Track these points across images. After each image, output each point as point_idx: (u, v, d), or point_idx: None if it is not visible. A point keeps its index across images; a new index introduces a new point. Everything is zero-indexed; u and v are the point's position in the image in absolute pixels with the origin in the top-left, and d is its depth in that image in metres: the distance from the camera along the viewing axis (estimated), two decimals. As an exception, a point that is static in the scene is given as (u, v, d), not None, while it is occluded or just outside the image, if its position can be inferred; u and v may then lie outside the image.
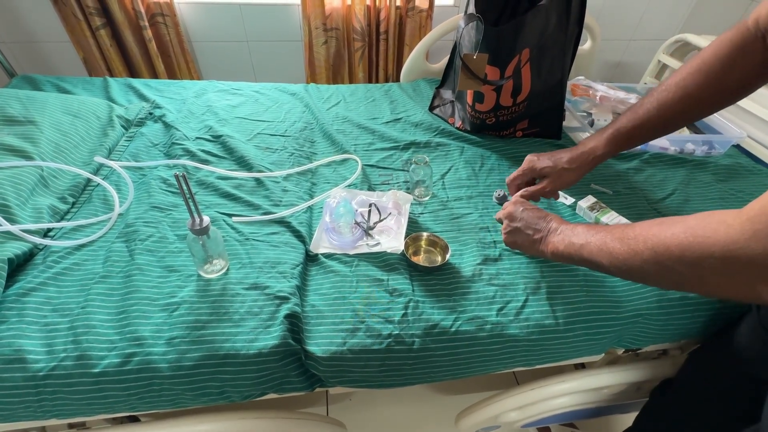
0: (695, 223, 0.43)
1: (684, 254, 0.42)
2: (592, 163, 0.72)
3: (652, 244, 0.45)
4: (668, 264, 0.44)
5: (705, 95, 0.63)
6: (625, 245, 0.48)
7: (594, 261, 0.53)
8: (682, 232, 0.43)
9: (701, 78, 0.62)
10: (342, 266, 0.71)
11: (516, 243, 0.68)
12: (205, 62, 1.57)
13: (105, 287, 0.63)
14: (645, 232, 0.47)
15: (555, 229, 0.61)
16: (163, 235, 0.73)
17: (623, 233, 0.50)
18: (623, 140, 0.70)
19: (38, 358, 0.54)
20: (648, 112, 0.67)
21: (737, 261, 0.39)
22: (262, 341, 0.58)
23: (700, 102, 0.64)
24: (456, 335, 0.62)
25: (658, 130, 0.69)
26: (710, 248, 0.40)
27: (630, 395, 0.86)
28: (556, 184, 0.73)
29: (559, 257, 0.59)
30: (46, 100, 0.91)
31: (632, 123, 0.69)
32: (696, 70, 0.62)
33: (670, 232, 0.44)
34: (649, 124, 0.67)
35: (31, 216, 0.70)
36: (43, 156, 0.79)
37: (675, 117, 0.66)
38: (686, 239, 0.42)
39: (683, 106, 0.64)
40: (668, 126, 0.68)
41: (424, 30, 1.52)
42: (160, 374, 0.55)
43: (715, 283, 0.42)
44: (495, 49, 0.84)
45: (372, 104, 1.20)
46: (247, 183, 0.87)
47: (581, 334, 0.66)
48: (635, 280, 0.52)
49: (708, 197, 0.91)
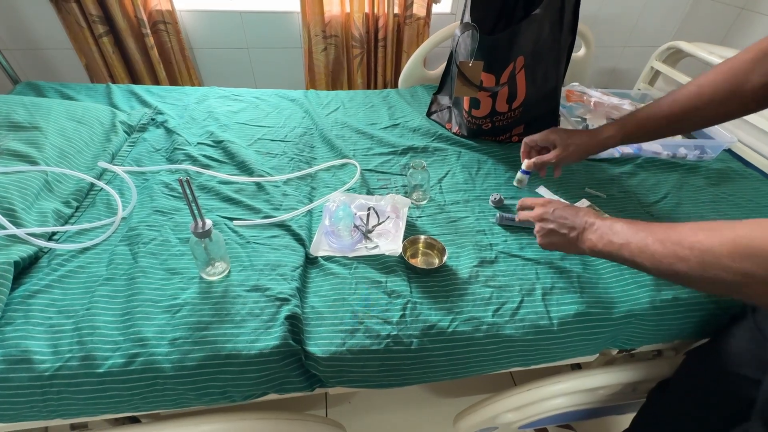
0: (745, 232, 0.42)
1: (733, 264, 0.41)
2: (597, 145, 0.74)
3: (699, 251, 0.44)
4: (716, 272, 0.43)
5: (718, 94, 0.62)
6: (669, 249, 0.47)
7: (635, 261, 0.52)
8: (731, 241, 0.42)
9: (718, 78, 0.62)
10: (341, 269, 0.72)
11: (553, 244, 0.65)
12: (206, 69, 1.59)
13: (109, 289, 0.64)
14: (690, 238, 0.45)
15: (591, 224, 0.59)
16: (166, 238, 0.74)
17: (666, 235, 0.48)
18: (634, 128, 0.70)
19: (44, 358, 0.55)
20: (660, 106, 0.67)
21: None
22: (263, 342, 0.59)
23: (713, 100, 0.62)
24: (453, 336, 0.64)
25: (668, 125, 0.68)
26: (764, 261, 0.39)
27: (626, 396, 0.87)
28: (561, 153, 0.75)
29: (598, 254, 0.58)
30: (51, 106, 0.93)
31: (643, 113, 0.70)
32: (717, 71, 0.62)
33: (718, 241, 0.43)
34: (661, 116, 0.67)
35: (37, 220, 0.72)
36: (47, 161, 0.81)
37: (686, 114, 0.65)
38: (736, 249, 0.41)
39: (694, 103, 0.64)
40: (679, 122, 0.67)
41: (422, 37, 1.55)
42: (163, 374, 0.56)
43: (762, 292, 0.41)
44: (490, 57, 0.86)
45: (370, 110, 1.22)
46: (247, 187, 0.89)
47: (575, 335, 0.67)
48: (676, 282, 0.51)
49: (700, 201, 0.93)
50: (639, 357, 0.87)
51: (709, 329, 0.73)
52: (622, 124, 0.72)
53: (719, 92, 0.62)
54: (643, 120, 0.70)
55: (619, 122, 0.73)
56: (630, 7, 1.68)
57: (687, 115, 0.66)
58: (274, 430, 0.70)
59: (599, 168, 1.02)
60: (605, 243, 0.56)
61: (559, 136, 0.77)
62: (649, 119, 0.69)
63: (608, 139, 0.73)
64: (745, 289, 0.42)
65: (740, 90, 0.60)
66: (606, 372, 0.80)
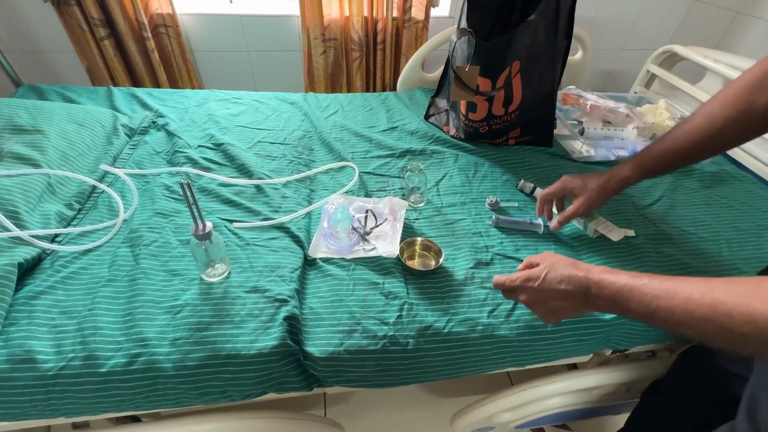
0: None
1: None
2: (618, 184, 0.73)
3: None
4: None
5: (730, 124, 0.61)
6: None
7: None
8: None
9: (725, 106, 0.62)
10: (339, 270, 0.73)
11: (557, 310, 0.54)
12: (206, 72, 1.61)
13: (111, 290, 0.65)
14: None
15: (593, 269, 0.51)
16: (167, 240, 0.75)
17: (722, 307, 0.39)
18: (649, 164, 0.70)
19: (47, 358, 0.56)
20: (674, 139, 0.67)
21: None
22: (262, 342, 0.60)
23: (724, 130, 0.62)
24: (449, 336, 0.65)
25: (685, 157, 0.68)
26: None
27: (620, 396, 0.89)
28: (583, 202, 0.74)
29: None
30: (53, 109, 0.94)
31: (658, 147, 0.69)
32: (722, 99, 0.62)
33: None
34: (676, 150, 0.67)
35: (40, 222, 0.73)
36: (50, 164, 0.82)
37: (701, 146, 0.65)
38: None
39: (707, 135, 0.64)
40: (695, 153, 0.67)
41: (420, 40, 1.56)
42: (164, 374, 0.57)
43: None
44: (486, 62, 0.88)
45: (369, 113, 1.23)
46: (247, 190, 0.90)
47: (569, 335, 0.68)
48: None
49: (694, 203, 0.94)
50: (633, 357, 0.89)
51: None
52: (639, 161, 0.71)
53: (729, 120, 0.61)
54: (659, 156, 0.69)
55: (637, 160, 0.72)
56: (627, 10, 1.69)
57: (702, 147, 0.65)
58: (272, 429, 0.71)
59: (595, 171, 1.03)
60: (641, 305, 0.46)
61: (576, 184, 0.76)
62: (665, 155, 0.69)
63: (628, 179, 0.72)
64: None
65: (748, 114, 0.60)
66: (600, 372, 0.81)
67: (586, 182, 0.75)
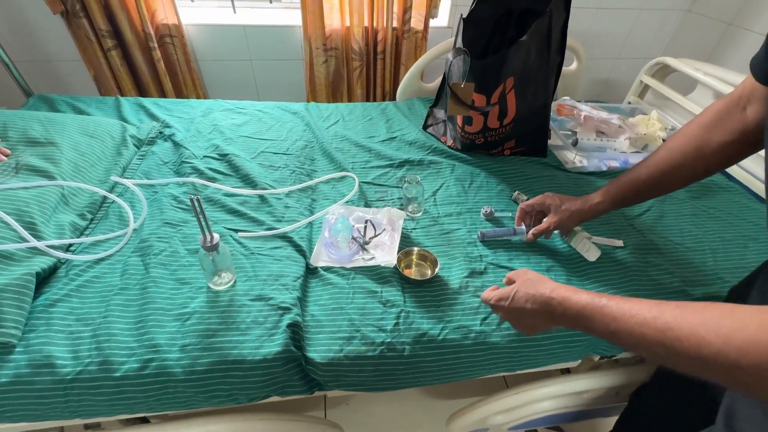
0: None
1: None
2: (590, 210, 0.78)
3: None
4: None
5: (687, 158, 0.66)
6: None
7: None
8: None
9: (684, 141, 0.66)
10: (339, 279, 0.77)
11: (530, 326, 0.58)
12: (210, 80, 1.65)
13: (123, 298, 0.69)
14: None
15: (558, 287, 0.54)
16: (175, 249, 0.79)
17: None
18: (618, 194, 0.75)
19: (65, 363, 0.60)
20: (639, 170, 0.72)
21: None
22: (266, 348, 0.64)
23: (683, 164, 0.67)
24: (443, 343, 0.68)
25: (651, 189, 0.72)
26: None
27: (610, 399, 0.92)
28: (555, 219, 0.79)
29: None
30: (65, 121, 0.98)
31: (625, 178, 0.74)
32: (682, 133, 0.67)
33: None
34: (640, 181, 0.71)
35: (55, 232, 0.77)
36: (63, 176, 0.86)
37: (662, 177, 0.69)
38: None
39: (667, 167, 0.68)
40: (659, 186, 0.71)
41: (420, 50, 1.60)
42: (174, 378, 0.61)
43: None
44: (481, 79, 0.91)
45: (369, 123, 1.27)
46: (251, 200, 0.94)
47: (557, 342, 0.72)
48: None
49: (681, 213, 0.98)
50: (623, 362, 0.92)
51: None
52: (608, 190, 0.77)
53: (687, 155, 0.66)
54: (626, 187, 0.74)
55: (608, 188, 0.77)
56: (622, 20, 1.73)
57: (663, 179, 0.69)
58: (274, 430, 0.75)
59: (587, 181, 1.07)
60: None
61: (553, 202, 0.81)
62: (630, 186, 0.73)
63: (599, 204, 0.77)
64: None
65: (703, 150, 0.64)
66: (590, 377, 0.85)
67: (563, 203, 0.80)
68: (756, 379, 0.34)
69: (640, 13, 1.71)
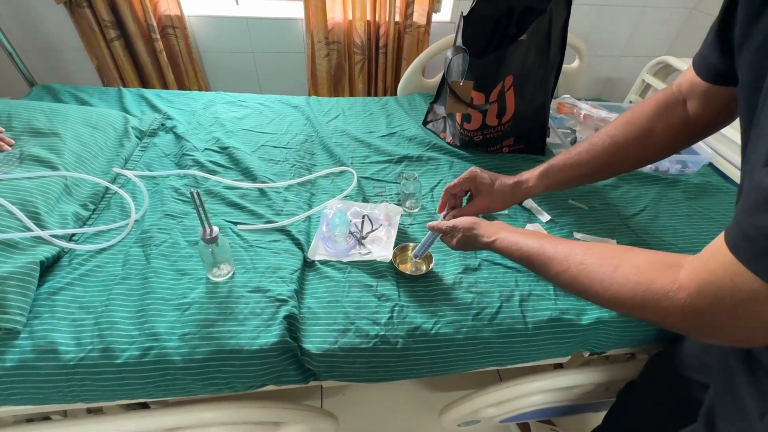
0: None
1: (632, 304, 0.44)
2: (523, 193, 0.74)
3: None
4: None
5: (630, 147, 0.66)
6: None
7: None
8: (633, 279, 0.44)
9: (628, 129, 0.65)
10: (336, 272, 0.78)
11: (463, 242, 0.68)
12: (212, 72, 1.65)
13: (125, 288, 0.71)
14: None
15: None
16: (175, 241, 0.81)
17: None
18: (554, 177, 0.72)
19: (68, 349, 0.62)
20: (579, 155, 0.70)
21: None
22: (263, 339, 0.66)
23: (625, 152, 0.66)
24: (436, 337, 0.70)
25: (587, 174, 0.70)
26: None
27: (599, 395, 0.94)
28: (485, 203, 0.74)
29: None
30: (68, 112, 0.99)
31: (563, 162, 0.71)
32: (625, 122, 0.66)
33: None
34: (579, 166, 0.70)
35: (58, 222, 0.78)
36: (66, 166, 0.87)
37: (602, 164, 0.68)
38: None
39: (609, 154, 0.67)
40: (597, 172, 0.70)
41: (422, 45, 1.60)
42: (174, 366, 0.63)
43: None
44: (480, 77, 0.92)
45: (369, 118, 1.28)
46: (251, 193, 0.95)
47: (548, 338, 0.73)
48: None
49: (676, 214, 0.99)
50: (613, 359, 0.94)
51: (669, 336, 0.80)
52: (544, 173, 0.73)
53: (630, 143, 0.65)
54: (563, 170, 0.71)
55: (542, 170, 0.73)
56: (626, 18, 1.72)
57: (603, 165, 0.68)
58: (272, 417, 0.77)
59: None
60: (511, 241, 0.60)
61: (483, 181, 0.73)
62: (568, 170, 0.71)
63: (533, 189, 0.74)
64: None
65: (647, 139, 0.64)
66: (579, 372, 0.87)
67: (494, 183, 0.73)
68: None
69: (645, 10, 1.70)
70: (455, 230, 0.68)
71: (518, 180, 0.75)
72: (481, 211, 0.76)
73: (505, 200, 0.75)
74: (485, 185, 0.74)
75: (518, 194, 0.75)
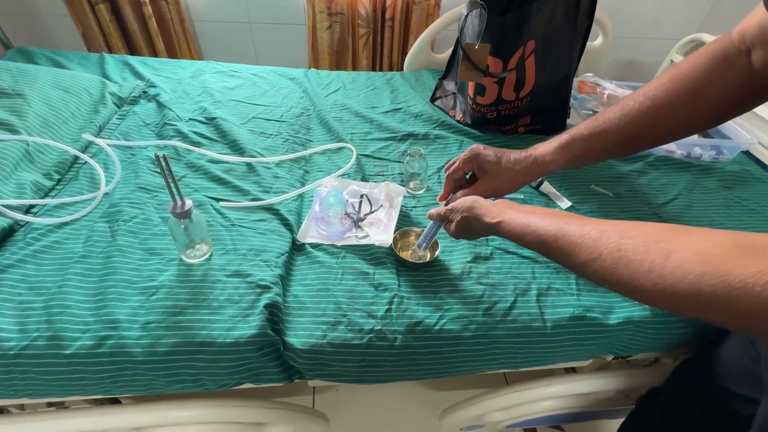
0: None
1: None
2: (537, 170, 0.60)
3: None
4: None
5: (675, 110, 0.53)
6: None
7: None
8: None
9: (673, 88, 0.53)
10: (328, 257, 0.69)
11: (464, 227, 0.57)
12: (206, 42, 1.54)
13: (83, 267, 0.62)
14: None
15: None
16: (148, 216, 0.71)
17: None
18: (577, 149, 0.59)
19: (10, 336, 0.53)
20: (609, 121, 0.56)
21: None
22: (239, 330, 0.57)
23: (670, 117, 0.54)
24: (440, 334, 0.61)
25: (618, 144, 0.57)
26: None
27: (618, 402, 0.85)
28: (492, 185, 0.61)
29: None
30: (37, 73, 0.89)
31: (588, 130, 0.58)
32: (669, 79, 0.53)
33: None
34: (608, 135, 0.57)
35: (14, 191, 0.69)
36: (29, 130, 0.78)
37: (637, 131, 0.56)
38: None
39: (648, 119, 0.54)
40: (632, 141, 0.57)
41: (431, 18, 1.48)
42: (133, 359, 0.54)
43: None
44: (498, 40, 0.81)
45: (372, 93, 1.17)
46: (238, 167, 0.85)
47: (569, 339, 0.64)
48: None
49: (712, 204, 0.88)
50: (634, 363, 0.84)
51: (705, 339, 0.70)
52: (566, 146, 0.59)
53: (676, 109, 0.53)
54: (589, 141, 0.58)
55: (562, 143, 0.60)
56: (652, -3, 1.59)
57: (640, 135, 0.56)
58: (253, 418, 0.68)
59: (607, 164, 0.97)
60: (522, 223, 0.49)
61: (488, 159, 0.60)
62: (596, 141, 0.58)
63: (549, 164, 0.60)
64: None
65: (696, 105, 0.53)
66: (599, 377, 0.77)
67: (500, 160, 0.60)
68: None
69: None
70: (454, 212, 0.58)
71: (530, 154, 0.60)
72: (488, 194, 0.61)
73: (516, 179, 0.61)
74: (490, 163, 0.60)
75: (531, 171, 0.60)
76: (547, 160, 0.60)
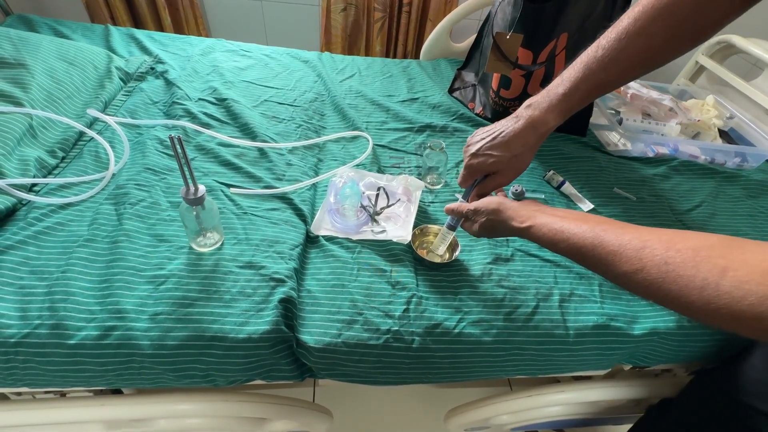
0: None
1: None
2: (543, 137, 0.57)
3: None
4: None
5: (672, 40, 0.50)
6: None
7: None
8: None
9: (671, 16, 0.49)
10: (343, 251, 0.66)
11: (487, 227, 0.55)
12: (215, 19, 1.48)
13: (88, 252, 0.59)
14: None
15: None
16: (156, 200, 0.68)
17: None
18: (576, 104, 0.55)
19: (10, 323, 0.50)
20: (606, 69, 0.53)
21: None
22: (252, 325, 0.54)
23: (663, 48, 0.51)
24: (459, 337, 0.58)
25: (612, 87, 0.56)
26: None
27: (628, 410, 0.84)
28: (509, 175, 0.59)
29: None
30: (40, 42, 0.84)
31: (588, 84, 0.54)
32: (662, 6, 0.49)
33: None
34: (607, 83, 0.55)
35: (17, 168, 0.65)
36: (33, 103, 0.74)
37: (636, 70, 0.54)
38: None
39: (645, 54, 0.52)
40: (625, 81, 0.56)
41: (450, 6, 1.43)
42: (140, 352, 0.51)
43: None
44: (531, 30, 0.76)
45: (388, 80, 1.13)
46: (249, 152, 0.82)
47: (591, 348, 0.62)
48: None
49: (737, 213, 0.86)
50: (646, 372, 0.83)
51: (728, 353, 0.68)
52: (566, 105, 0.55)
53: (672, 41, 0.50)
54: (588, 95, 0.55)
55: (562, 103, 0.55)
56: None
57: (635, 75, 0.55)
58: (255, 413, 0.66)
59: (630, 167, 0.94)
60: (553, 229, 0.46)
61: (500, 153, 0.57)
62: (593, 92, 0.55)
63: (554, 128, 0.57)
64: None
65: (691, 35, 0.50)
66: (612, 386, 0.76)
67: (510, 146, 0.57)
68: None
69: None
70: (478, 213, 0.55)
71: (529, 121, 0.56)
72: (507, 183, 0.60)
73: (526, 157, 0.58)
74: (498, 163, 0.58)
75: (539, 142, 0.57)
76: (552, 125, 0.56)
